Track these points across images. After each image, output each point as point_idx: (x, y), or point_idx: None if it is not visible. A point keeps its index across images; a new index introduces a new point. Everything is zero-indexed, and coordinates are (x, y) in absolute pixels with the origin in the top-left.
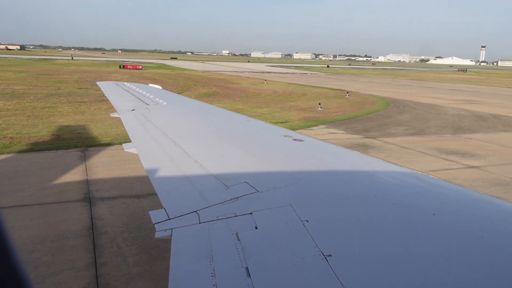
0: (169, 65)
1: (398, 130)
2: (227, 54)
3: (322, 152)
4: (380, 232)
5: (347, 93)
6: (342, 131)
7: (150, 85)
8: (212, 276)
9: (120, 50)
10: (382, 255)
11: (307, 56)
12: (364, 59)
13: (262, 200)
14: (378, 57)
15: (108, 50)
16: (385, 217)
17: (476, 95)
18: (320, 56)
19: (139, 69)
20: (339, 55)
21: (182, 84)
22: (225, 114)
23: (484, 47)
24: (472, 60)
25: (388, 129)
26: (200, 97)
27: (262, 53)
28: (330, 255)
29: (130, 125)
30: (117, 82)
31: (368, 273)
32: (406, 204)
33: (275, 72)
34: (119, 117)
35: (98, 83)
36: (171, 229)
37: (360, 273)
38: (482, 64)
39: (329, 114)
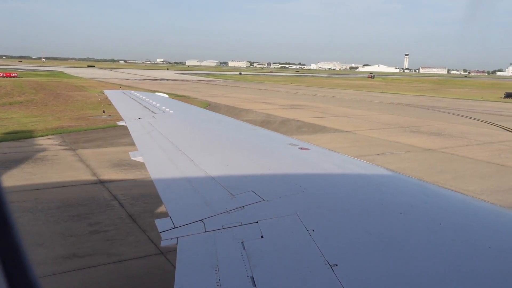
0: (66, 73)
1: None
2: (162, 62)
3: (328, 161)
4: (386, 241)
5: None
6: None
7: (157, 93)
8: (218, 285)
9: (44, 58)
10: (388, 265)
11: (242, 64)
12: (297, 66)
13: (268, 209)
14: (311, 65)
15: (34, 58)
16: (391, 227)
17: (320, 100)
18: (255, 64)
19: (13, 76)
20: (273, 63)
21: (18, 91)
22: (231, 122)
23: (407, 55)
24: (396, 68)
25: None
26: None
27: (198, 61)
28: (336, 265)
29: (136, 133)
30: (124, 91)
31: (375, 283)
32: (412, 213)
33: (171, 79)
34: (126, 125)
35: (105, 91)
36: (177, 237)
37: (366, 283)
38: (406, 71)
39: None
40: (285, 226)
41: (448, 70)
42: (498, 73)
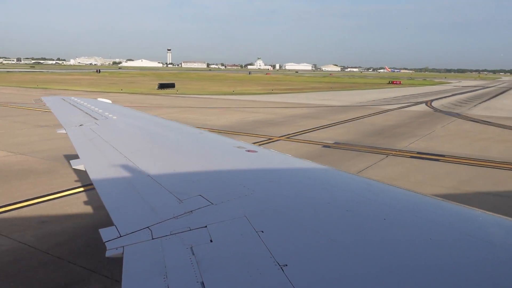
0: None
1: None
2: None
3: (275, 163)
4: (334, 240)
5: None
6: None
7: (99, 99)
8: None
9: None
10: (337, 263)
11: None
12: (54, 62)
13: (216, 213)
14: (70, 60)
15: None
16: (339, 225)
17: None
18: (1, 60)
19: None
20: (25, 58)
21: None
22: (177, 127)
23: (169, 50)
24: (160, 62)
25: None
26: None
27: None
28: (286, 265)
29: (78, 140)
30: (63, 97)
31: (325, 281)
32: (359, 211)
33: None
34: (66, 133)
35: (43, 98)
36: (123, 246)
37: (317, 282)
38: (170, 65)
39: None
40: (234, 229)
41: (208, 64)
42: (249, 67)
